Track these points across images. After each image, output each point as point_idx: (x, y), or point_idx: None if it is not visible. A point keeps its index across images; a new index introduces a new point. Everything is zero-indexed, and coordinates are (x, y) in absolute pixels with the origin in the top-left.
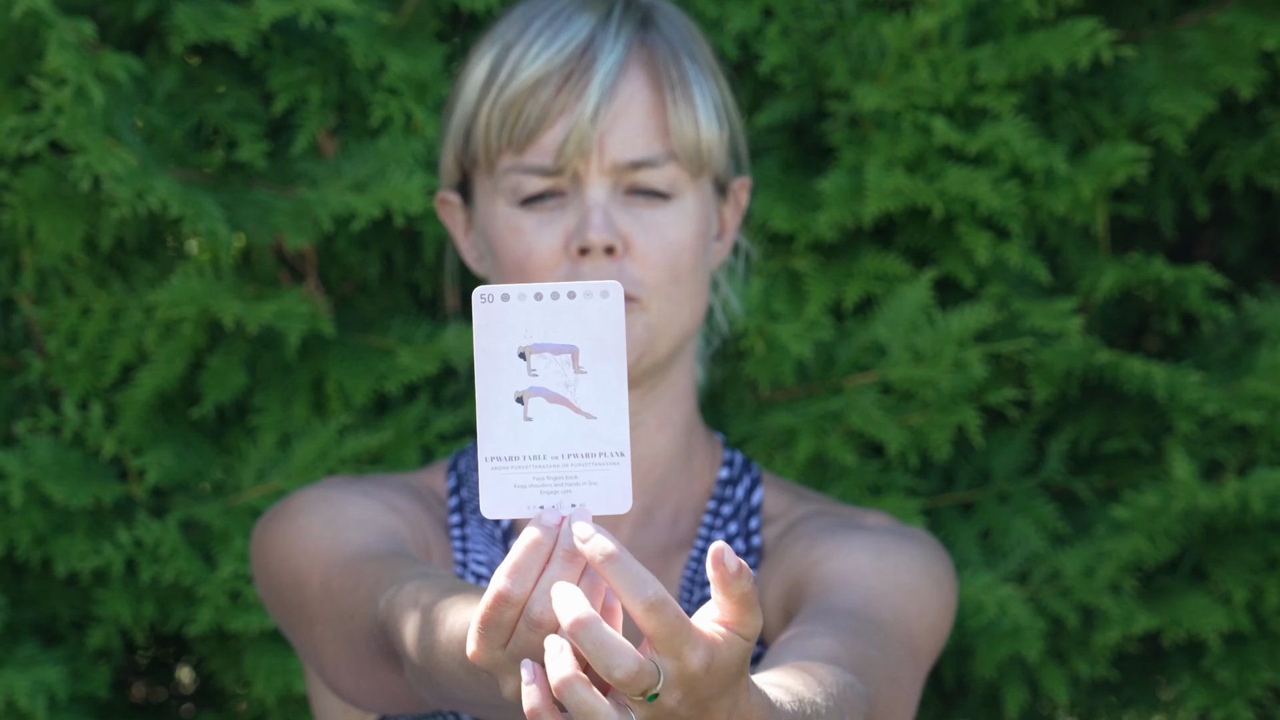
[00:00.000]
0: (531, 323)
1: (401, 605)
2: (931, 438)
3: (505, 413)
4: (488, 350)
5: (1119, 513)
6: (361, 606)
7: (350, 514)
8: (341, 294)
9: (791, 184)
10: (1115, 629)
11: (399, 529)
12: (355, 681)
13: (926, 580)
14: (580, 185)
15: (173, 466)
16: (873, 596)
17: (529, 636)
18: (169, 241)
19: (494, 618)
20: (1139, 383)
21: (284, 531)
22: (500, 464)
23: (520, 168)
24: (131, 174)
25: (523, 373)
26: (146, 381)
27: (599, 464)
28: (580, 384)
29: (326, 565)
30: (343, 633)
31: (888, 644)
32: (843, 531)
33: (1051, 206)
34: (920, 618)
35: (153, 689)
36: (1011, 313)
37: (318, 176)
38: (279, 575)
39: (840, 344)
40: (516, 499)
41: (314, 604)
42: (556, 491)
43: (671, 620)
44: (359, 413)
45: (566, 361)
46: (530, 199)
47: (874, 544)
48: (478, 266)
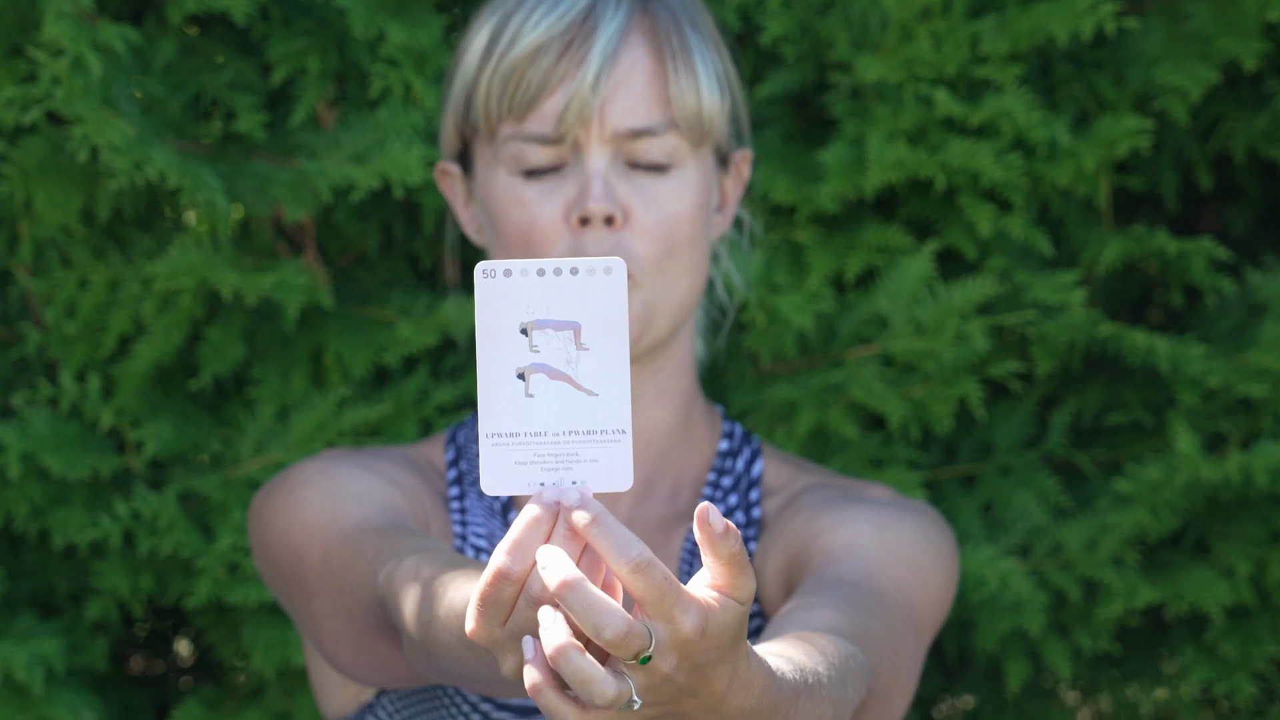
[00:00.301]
0: (534, 299)
1: (400, 580)
2: (933, 410)
3: (506, 389)
4: (489, 326)
5: (1121, 486)
6: (360, 580)
7: (349, 487)
8: (340, 266)
9: (793, 156)
10: (1117, 602)
11: (398, 502)
12: (354, 655)
13: (929, 552)
14: (580, 154)
15: (171, 438)
16: (874, 568)
17: (528, 614)
18: (167, 213)
19: (493, 595)
20: (1142, 355)
21: (282, 504)
22: (501, 440)
23: (521, 136)
24: (129, 145)
25: (524, 349)
26: (144, 353)
27: (600, 441)
28: (582, 361)
29: (325, 539)
30: (341, 606)
31: (889, 616)
32: (844, 504)
33: (1054, 178)
34: (922, 590)
35: (151, 661)
36: (1014, 285)
37: (316, 148)
38: (277, 549)
39: (842, 316)
40: (517, 476)
41: (312, 578)
42: (557, 468)
43: (659, 583)
44: (358, 385)
45: (568, 338)
46: (532, 172)
47: (876, 516)
48: (477, 238)
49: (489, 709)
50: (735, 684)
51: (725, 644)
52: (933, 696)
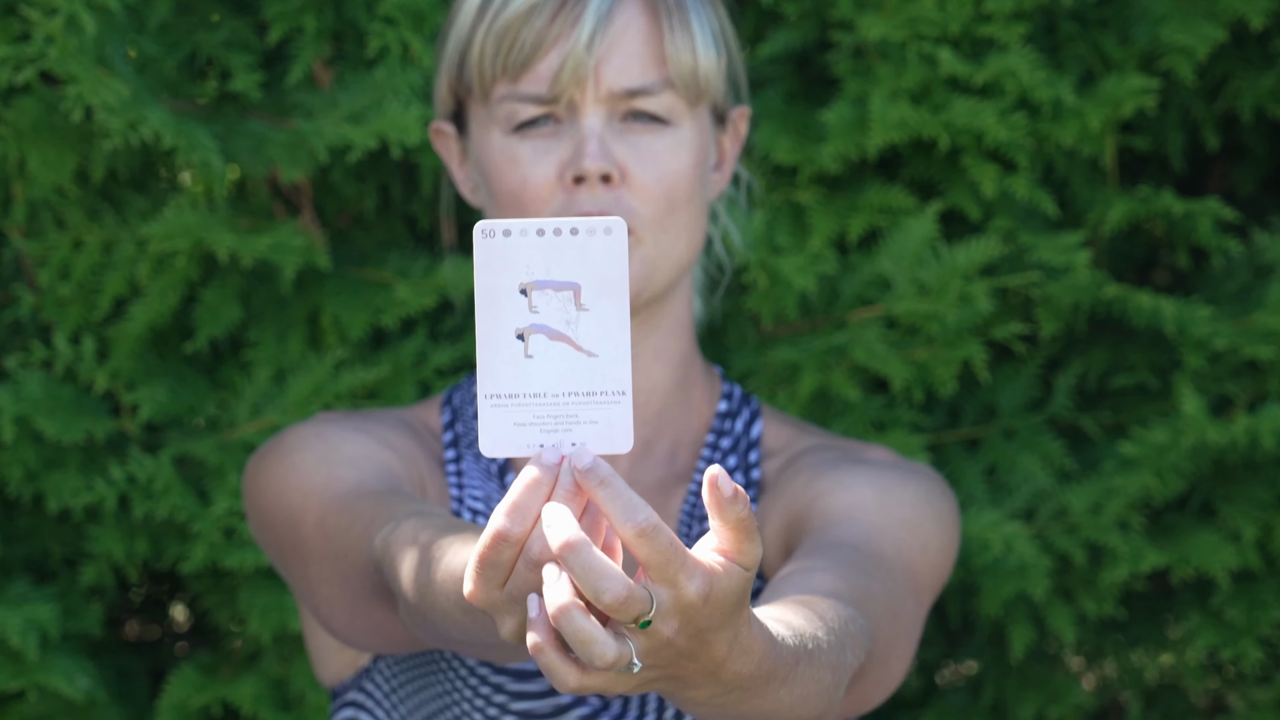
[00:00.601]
0: (533, 259)
1: (397, 543)
2: (937, 373)
3: (505, 350)
4: (488, 286)
5: (1127, 449)
6: (356, 544)
7: (344, 450)
8: (337, 227)
9: (795, 116)
10: (1123, 567)
11: (394, 465)
12: (350, 621)
13: (929, 515)
14: (576, 114)
15: (166, 402)
16: (874, 531)
17: (527, 576)
18: (162, 173)
19: (492, 557)
20: (1147, 317)
21: (277, 468)
22: (500, 401)
23: (515, 96)
24: (124, 105)
25: (524, 309)
26: (139, 315)
27: (600, 403)
28: (582, 321)
29: (321, 502)
30: (337, 571)
31: (889, 579)
32: (845, 465)
33: (1059, 138)
34: (923, 553)
35: (146, 627)
36: (1018, 246)
37: (313, 107)
38: (272, 513)
39: (844, 278)
40: (516, 437)
41: (308, 542)
42: (557, 430)
43: (664, 547)
44: (355, 347)
45: (568, 298)
46: (525, 124)
47: (877, 479)
48: (473, 198)
49: (487, 672)
50: (736, 649)
51: (728, 610)
52: (935, 662)
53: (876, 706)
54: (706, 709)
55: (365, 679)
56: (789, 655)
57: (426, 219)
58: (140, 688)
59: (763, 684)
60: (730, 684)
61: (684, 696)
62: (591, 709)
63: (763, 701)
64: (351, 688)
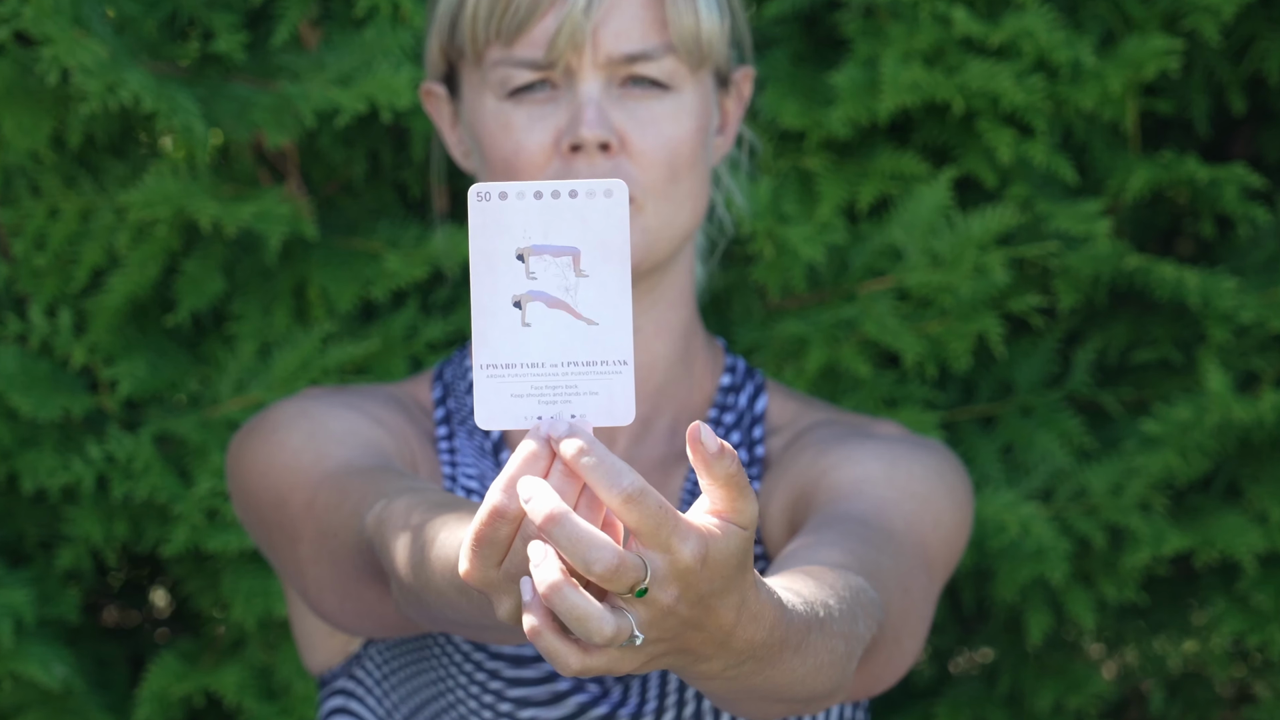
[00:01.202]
0: (530, 223)
1: (389, 521)
2: (950, 347)
3: (502, 318)
4: (484, 251)
5: (1149, 427)
6: (346, 523)
7: (332, 427)
8: (325, 194)
9: (802, 78)
10: (1144, 550)
11: (383, 442)
12: (340, 603)
13: (941, 489)
14: (573, 80)
15: (146, 377)
16: (884, 505)
17: (525, 554)
18: (142, 138)
19: (488, 534)
20: (1170, 289)
21: (262, 446)
22: (496, 372)
23: (509, 60)
24: (102, 67)
25: (520, 275)
26: (118, 287)
27: (600, 373)
28: (581, 288)
29: (308, 481)
30: (326, 551)
31: (900, 553)
32: (853, 439)
33: (1078, 102)
34: (935, 529)
35: (125, 613)
36: (1035, 215)
37: (299, 69)
38: (258, 493)
39: (854, 248)
40: (513, 409)
41: (296, 522)
42: (555, 401)
43: (654, 511)
44: (343, 320)
45: (567, 264)
46: (519, 89)
47: (886, 452)
48: (465, 163)
49: (481, 658)
50: (744, 615)
51: (729, 572)
52: (949, 649)
53: (889, 687)
54: (720, 684)
55: (355, 666)
56: (800, 622)
57: (418, 186)
58: (119, 676)
59: (776, 652)
60: (743, 653)
61: (696, 671)
62: (590, 695)
63: (776, 672)
64: (340, 675)
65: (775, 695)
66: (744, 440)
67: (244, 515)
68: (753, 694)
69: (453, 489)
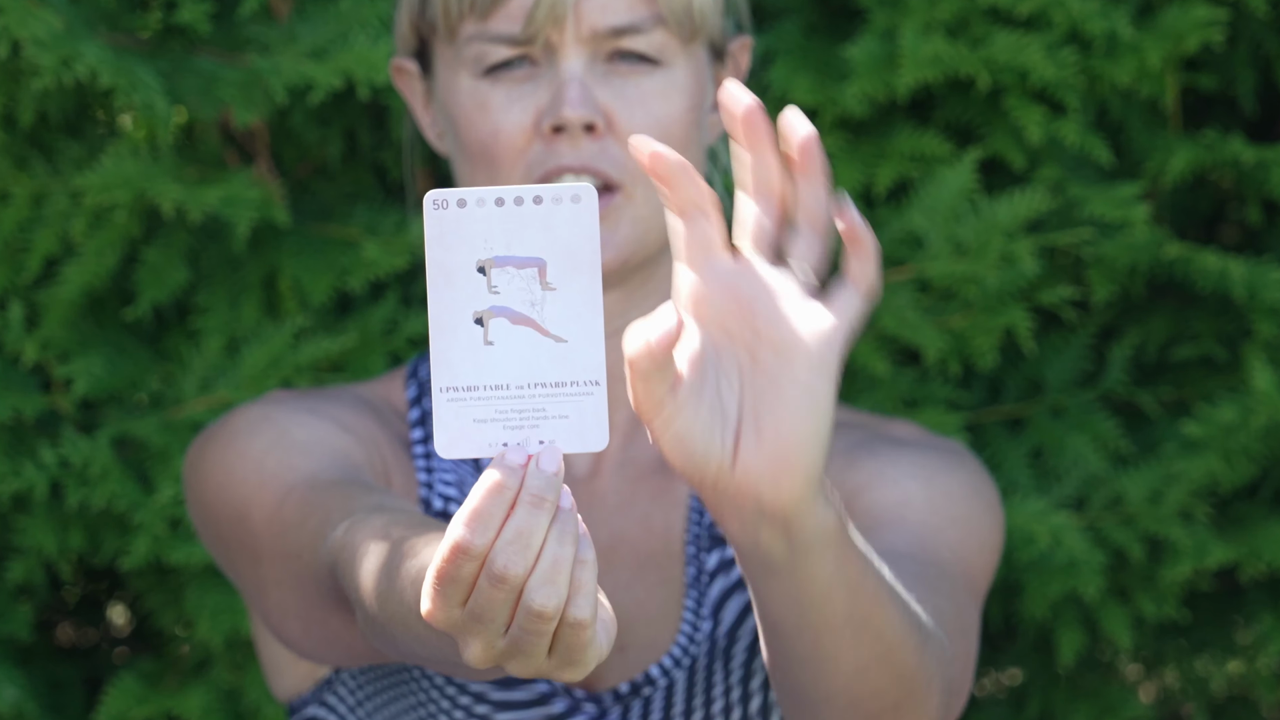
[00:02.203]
0: (492, 232)
1: (353, 545)
2: (975, 343)
3: (462, 336)
4: (441, 264)
5: (1190, 429)
6: (310, 542)
7: (296, 435)
8: (297, 177)
9: (815, 51)
10: (1185, 562)
11: (352, 451)
12: (305, 629)
13: (979, 507)
14: (554, 56)
15: (103, 375)
16: (928, 534)
17: (491, 593)
18: (99, 117)
19: (451, 572)
20: (1214, 280)
21: (220, 456)
22: (457, 395)
23: (485, 36)
24: (55, 39)
25: (482, 290)
26: (73, 278)
27: (570, 394)
28: (548, 302)
29: (271, 496)
30: (289, 574)
31: (954, 591)
32: (880, 450)
33: (1114, 77)
34: (979, 554)
35: (81, 630)
36: (1067, 199)
37: (270, 42)
38: (215, 507)
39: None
40: (476, 435)
41: (258, 540)
42: (522, 426)
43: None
44: (317, 314)
45: (532, 276)
46: (496, 66)
47: (921, 469)
48: (439, 145)
49: (454, 693)
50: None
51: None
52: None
53: None
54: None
55: (327, 692)
56: (862, 554)
57: (398, 169)
58: (74, 699)
59: (833, 545)
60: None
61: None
62: (587, 717)
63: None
64: (311, 702)
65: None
66: None
67: (202, 530)
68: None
69: (429, 497)
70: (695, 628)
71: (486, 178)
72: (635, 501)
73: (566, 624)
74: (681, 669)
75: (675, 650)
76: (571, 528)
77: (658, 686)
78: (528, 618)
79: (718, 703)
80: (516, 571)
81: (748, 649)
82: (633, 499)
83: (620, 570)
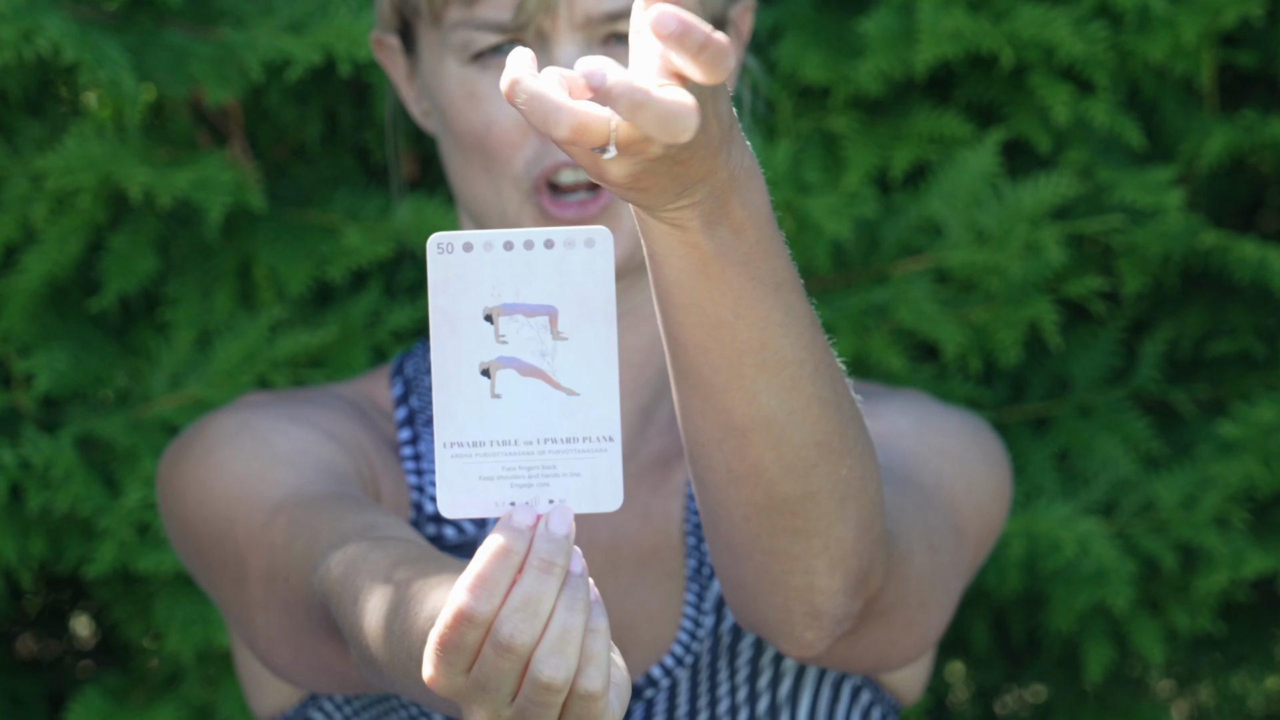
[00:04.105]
0: (500, 278)
1: (355, 588)
2: (998, 337)
3: (468, 388)
4: (446, 311)
5: (1226, 430)
6: (298, 565)
7: (278, 446)
8: (274, 159)
9: (827, 25)
10: (1221, 572)
11: (338, 461)
12: (294, 657)
13: (976, 452)
14: (546, 43)
15: (67, 371)
16: (911, 459)
17: (496, 662)
18: (62, 94)
19: (454, 639)
20: (1252, 270)
21: (197, 469)
22: (462, 451)
23: (472, 23)
24: (15, 10)
25: (489, 339)
26: (34, 266)
27: (582, 451)
28: (560, 353)
29: (254, 513)
30: (276, 598)
31: (927, 507)
32: (875, 399)
33: (1146, 53)
34: (968, 493)
35: (43, 642)
36: (1096, 184)
37: (245, 15)
38: (195, 524)
39: (886, 222)
40: (482, 494)
41: (242, 560)
42: (531, 484)
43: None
44: (295, 305)
45: (543, 325)
46: (485, 52)
47: (914, 408)
48: (425, 123)
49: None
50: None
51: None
52: (995, 687)
53: (907, 662)
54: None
55: (311, 707)
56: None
57: (381, 150)
58: (36, 715)
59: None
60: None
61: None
62: None
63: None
64: (296, 719)
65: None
66: None
67: (180, 547)
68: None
69: (420, 500)
70: (697, 624)
71: (482, 170)
72: (635, 496)
73: (577, 696)
74: (684, 667)
75: (676, 648)
76: (583, 594)
77: (660, 688)
78: (535, 689)
79: (723, 703)
80: (524, 640)
81: (754, 645)
82: (633, 494)
83: (622, 570)
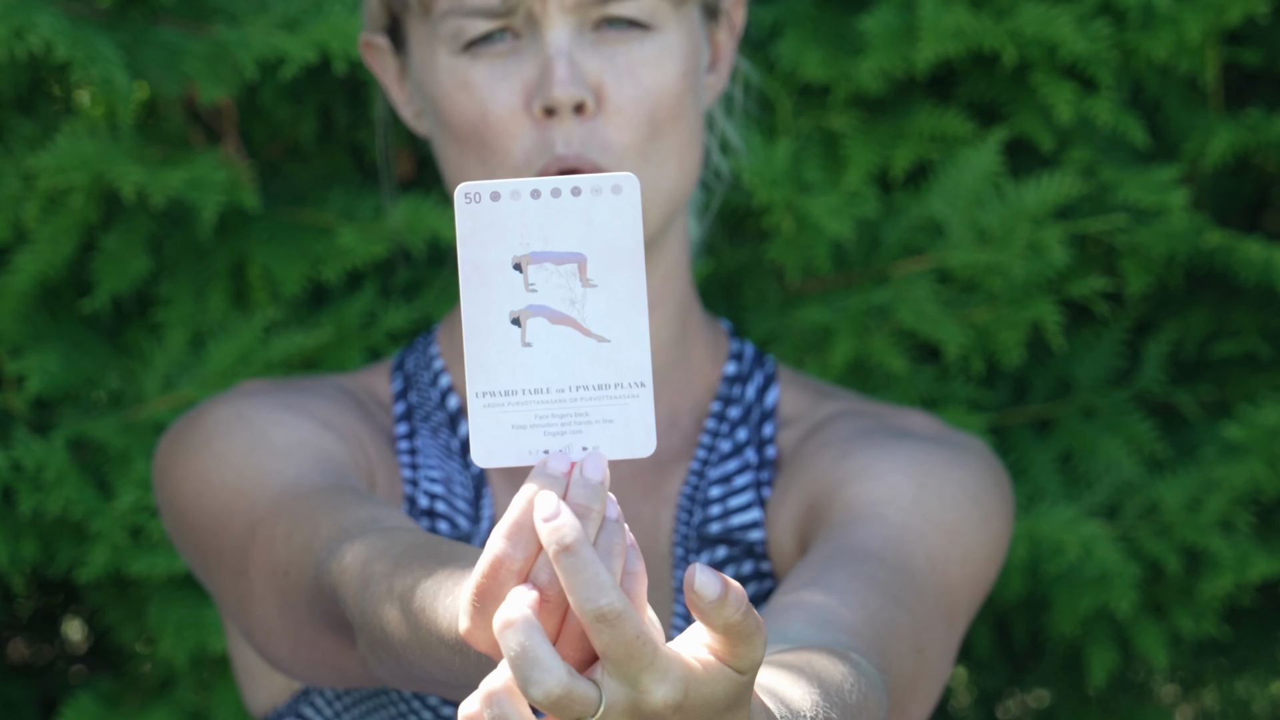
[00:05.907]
0: (528, 226)
1: (354, 571)
2: (1000, 338)
3: (498, 337)
4: (475, 262)
5: (1231, 432)
6: (298, 558)
7: (275, 436)
8: (268, 158)
9: (827, 23)
10: (1226, 576)
11: (334, 450)
12: (293, 650)
13: (975, 517)
14: (537, 27)
15: (59, 372)
16: (907, 536)
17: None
18: (54, 92)
19: (491, 588)
20: (1257, 271)
21: (194, 460)
22: (494, 400)
23: (461, 10)
24: (7, 8)
25: (519, 288)
26: (26, 266)
27: (615, 397)
28: (589, 300)
29: (252, 504)
30: (275, 590)
31: (919, 603)
32: (881, 440)
33: (1150, 51)
34: (962, 564)
35: (35, 647)
36: (1099, 183)
37: (238, 12)
38: (192, 515)
39: (887, 222)
40: (515, 442)
41: (240, 552)
42: (564, 432)
43: (629, 640)
44: (289, 305)
45: (572, 272)
46: (476, 41)
47: (917, 464)
48: (416, 125)
49: (437, 703)
50: None
51: (711, 717)
52: (998, 691)
53: None
54: None
55: (303, 703)
56: None
57: (375, 149)
58: None
59: None
60: None
61: None
62: None
63: None
64: (286, 715)
65: None
66: (752, 438)
67: (177, 539)
68: None
69: (414, 495)
70: None
71: (478, 161)
72: (626, 499)
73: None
74: None
75: None
76: (620, 539)
77: None
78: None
79: None
80: (559, 587)
81: None
82: (623, 499)
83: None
